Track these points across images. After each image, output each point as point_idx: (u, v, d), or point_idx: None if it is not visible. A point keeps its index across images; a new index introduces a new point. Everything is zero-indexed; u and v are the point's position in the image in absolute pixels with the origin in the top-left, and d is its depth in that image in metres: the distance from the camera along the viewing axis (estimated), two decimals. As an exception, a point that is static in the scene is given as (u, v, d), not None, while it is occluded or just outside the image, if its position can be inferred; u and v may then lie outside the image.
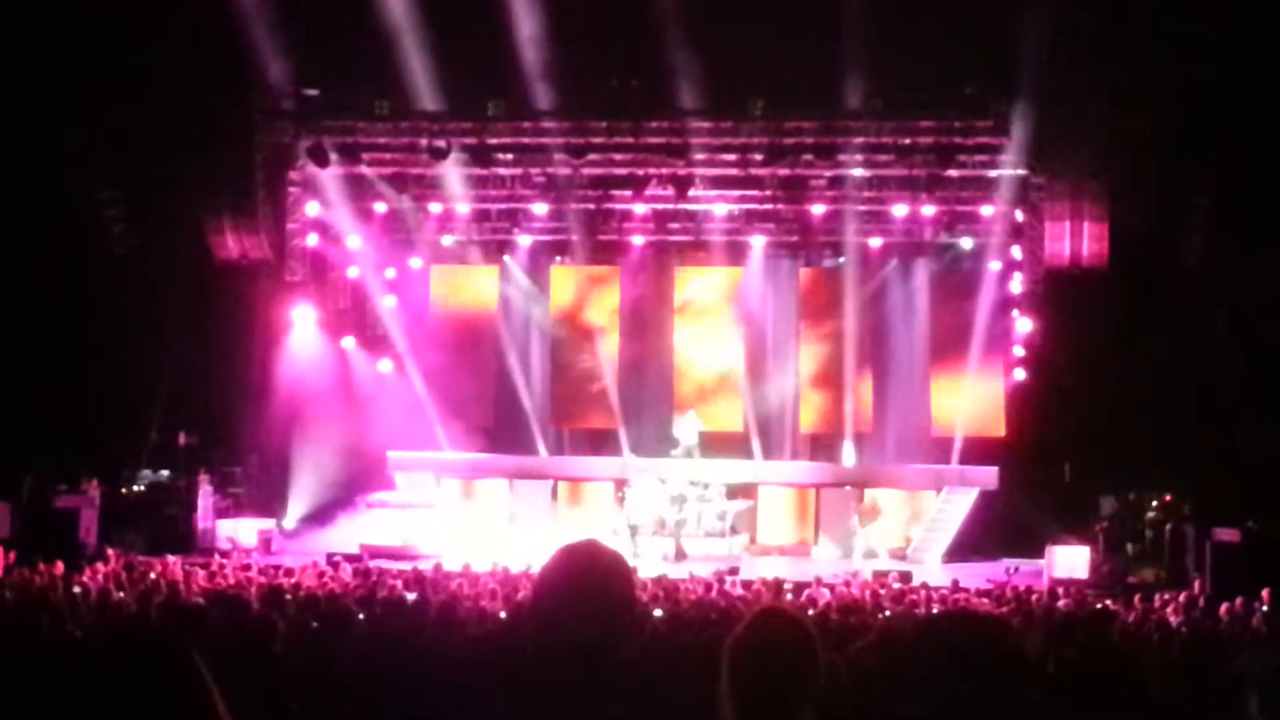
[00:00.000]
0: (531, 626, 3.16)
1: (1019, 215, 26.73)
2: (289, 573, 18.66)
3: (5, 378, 23.06)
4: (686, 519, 25.69)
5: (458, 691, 7.57)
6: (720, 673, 3.31)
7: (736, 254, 28.99)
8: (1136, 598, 17.64)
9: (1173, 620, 15.13)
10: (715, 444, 26.91)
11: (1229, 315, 23.02)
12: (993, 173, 25.66)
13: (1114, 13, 22.09)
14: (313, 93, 26.56)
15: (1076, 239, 25.57)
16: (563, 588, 3.08)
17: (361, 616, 10.46)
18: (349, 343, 28.92)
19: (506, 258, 29.59)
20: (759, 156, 26.47)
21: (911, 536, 26.34)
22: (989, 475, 26.25)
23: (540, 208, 28.12)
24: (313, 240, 28.06)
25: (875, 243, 28.34)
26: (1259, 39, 20.73)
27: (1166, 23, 21.37)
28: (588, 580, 3.07)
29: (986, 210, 27.01)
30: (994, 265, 27.76)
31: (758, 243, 28.88)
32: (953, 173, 25.95)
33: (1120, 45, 22.18)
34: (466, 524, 26.07)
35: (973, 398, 27.50)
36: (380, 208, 28.42)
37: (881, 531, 25.53)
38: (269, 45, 23.77)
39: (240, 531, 25.00)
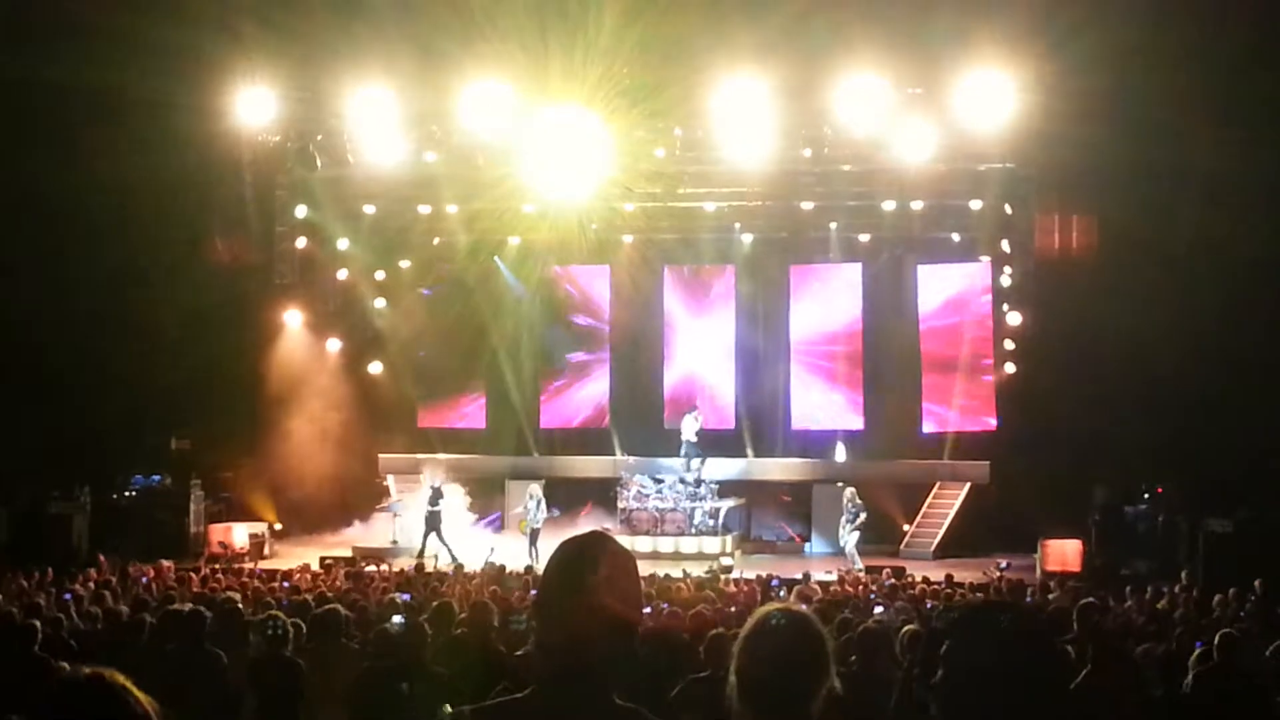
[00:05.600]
0: (538, 617, 3.16)
1: (1008, 209, 26.73)
2: (283, 576, 18.68)
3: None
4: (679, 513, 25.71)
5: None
6: (722, 667, 3.28)
7: (726, 251, 29.00)
8: (1129, 589, 17.70)
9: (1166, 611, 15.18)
10: (707, 442, 26.88)
11: (1218, 305, 23.00)
12: (981, 166, 25.59)
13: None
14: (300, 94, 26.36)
15: (1065, 231, 25.57)
16: (569, 579, 3.07)
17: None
18: (339, 345, 28.87)
19: (496, 258, 29.55)
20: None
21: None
22: (980, 470, 26.33)
23: (529, 207, 28.02)
24: (301, 243, 28.00)
25: (864, 238, 28.40)
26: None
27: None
28: (595, 571, 3.05)
29: (975, 204, 27.01)
30: (983, 258, 27.83)
31: (747, 240, 28.92)
32: (941, 166, 25.82)
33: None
34: (459, 524, 26.01)
35: (963, 392, 27.55)
36: (369, 209, 28.36)
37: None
38: (255, 49, 23.65)
39: (232, 535, 24.95)
